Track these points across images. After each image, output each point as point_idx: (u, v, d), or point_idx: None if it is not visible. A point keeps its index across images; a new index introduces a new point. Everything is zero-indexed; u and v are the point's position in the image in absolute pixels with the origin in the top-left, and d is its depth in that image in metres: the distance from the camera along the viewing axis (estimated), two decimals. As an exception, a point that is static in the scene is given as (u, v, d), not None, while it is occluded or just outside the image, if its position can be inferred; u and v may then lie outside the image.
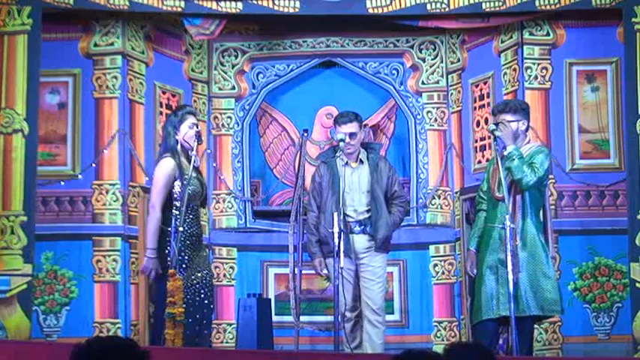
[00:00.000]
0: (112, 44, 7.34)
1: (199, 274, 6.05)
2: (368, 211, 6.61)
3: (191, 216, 6.03)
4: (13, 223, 6.54)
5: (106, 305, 7.13)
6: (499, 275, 5.92)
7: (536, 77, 7.32)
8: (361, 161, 6.70)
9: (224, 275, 7.86)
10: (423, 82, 8.01)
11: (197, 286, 6.03)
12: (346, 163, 6.66)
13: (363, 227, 6.60)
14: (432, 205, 7.86)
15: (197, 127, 6.14)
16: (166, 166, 6.01)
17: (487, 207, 6.20)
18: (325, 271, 6.66)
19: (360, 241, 6.61)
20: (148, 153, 7.44)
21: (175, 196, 5.98)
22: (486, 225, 6.10)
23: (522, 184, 5.97)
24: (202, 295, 6.05)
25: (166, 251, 5.93)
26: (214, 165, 7.94)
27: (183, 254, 5.97)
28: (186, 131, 6.04)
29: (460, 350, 3.36)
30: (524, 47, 7.34)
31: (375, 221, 6.57)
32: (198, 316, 6.02)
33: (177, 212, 5.89)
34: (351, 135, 6.60)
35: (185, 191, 5.89)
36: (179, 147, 6.07)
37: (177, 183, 5.97)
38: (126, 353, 3.14)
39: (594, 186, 7.25)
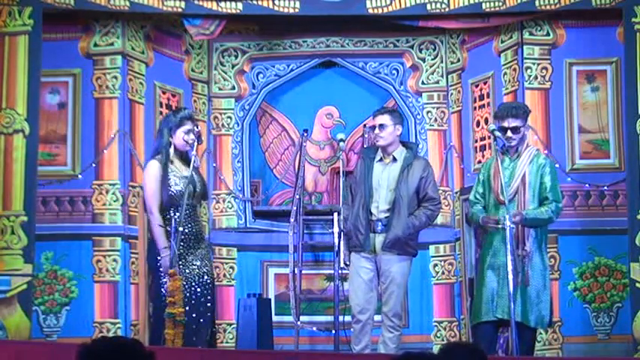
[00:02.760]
0: (112, 44, 7.34)
1: (196, 272, 6.06)
2: (389, 210, 6.37)
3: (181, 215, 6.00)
4: (14, 223, 6.54)
5: (106, 305, 7.13)
6: (500, 277, 5.91)
7: (536, 77, 7.32)
8: (394, 159, 6.46)
9: (224, 275, 7.85)
10: (423, 82, 8.01)
11: (193, 284, 6.04)
12: (380, 160, 6.48)
13: (383, 227, 6.35)
14: (432, 205, 7.85)
15: (196, 129, 6.17)
16: (151, 170, 6.12)
17: (488, 209, 6.18)
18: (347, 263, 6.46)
19: (380, 240, 6.34)
20: (148, 153, 7.40)
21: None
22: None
23: (555, 221, 6.12)
24: (199, 294, 6.05)
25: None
26: (214, 165, 7.93)
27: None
28: (181, 136, 6.10)
29: (451, 349, 3.38)
30: (524, 47, 7.34)
31: (390, 220, 6.33)
32: (194, 314, 6.02)
33: (173, 212, 5.98)
34: (381, 126, 6.41)
35: (166, 193, 5.99)
36: (172, 148, 6.13)
37: (174, 186, 6.03)
38: (132, 353, 3.14)
39: (594, 186, 7.25)
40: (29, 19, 6.68)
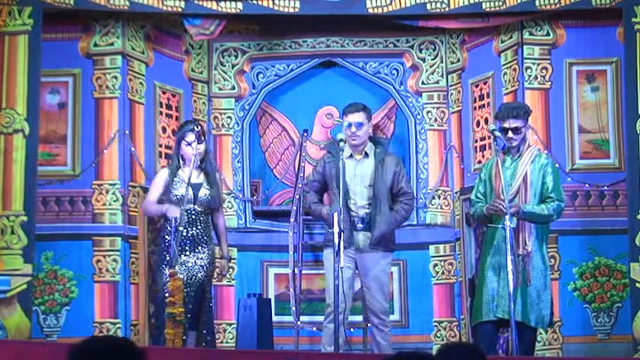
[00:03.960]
0: (112, 44, 7.34)
1: (185, 275, 6.24)
2: (369, 205, 6.37)
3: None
4: (14, 223, 6.54)
5: (106, 305, 7.13)
6: (501, 277, 5.90)
7: (536, 77, 7.32)
8: (366, 154, 6.43)
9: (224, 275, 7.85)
10: (423, 82, 8.01)
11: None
12: (350, 156, 6.43)
13: (364, 224, 6.33)
14: (432, 205, 7.86)
15: (196, 128, 6.42)
16: (159, 175, 6.63)
17: None
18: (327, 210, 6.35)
19: (363, 238, 6.34)
20: (147, 153, 7.44)
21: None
22: (489, 226, 6.07)
23: (555, 220, 6.08)
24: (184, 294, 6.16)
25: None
26: (214, 165, 7.92)
27: (165, 253, 6.28)
28: (185, 147, 6.42)
29: (450, 350, 3.38)
30: (524, 47, 7.34)
31: (373, 217, 6.32)
32: None
33: (187, 213, 6.31)
34: (358, 125, 6.38)
35: (169, 197, 6.35)
36: (180, 160, 6.47)
37: (175, 192, 6.37)
38: (123, 353, 3.14)
39: (594, 186, 7.25)
40: (29, 19, 6.69)
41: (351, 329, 7.30)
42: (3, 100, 6.63)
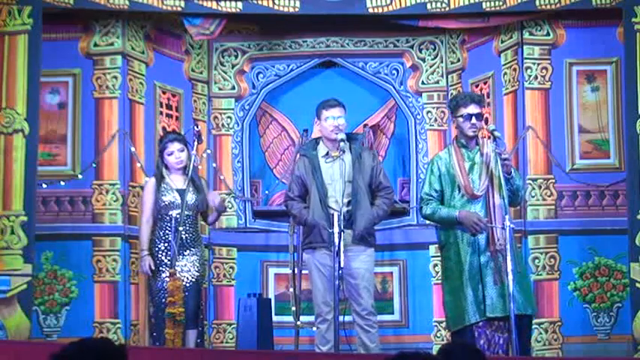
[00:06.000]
0: (112, 44, 7.34)
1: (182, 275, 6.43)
2: (349, 203, 6.27)
3: (168, 224, 6.52)
4: (13, 223, 6.54)
5: (106, 305, 7.13)
6: (482, 277, 5.90)
7: (536, 77, 7.32)
8: (342, 151, 6.31)
9: (224, 275, 7.86)
10: (423, 82, 8.01)
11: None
12: (327, 154, 6.38)
13: (346, 221, 6.14)
14: (432, 205, 7.84)
15: (196, 128, 6.61)
16: (147, 186, 6.77)
17: (449, 206, 6.10)
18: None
19: (345, 236, 6.11)
20: (147, 153, 7.44)
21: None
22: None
23: (520, 198, 6.16)
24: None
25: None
26: (214, 165, 7.93)
27: (160, 255, 6.50)
28: (168, 158, 6.64)
29: (451, 349, 3.39)
30: (524, 47, 7.34)
31: (354, 212, 6.23)
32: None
33: (167, 221, 6.53)
34: (340, 118, 6.41)
35: (157, 204, 6.60)
36: (164, 168, 6.67)
37: (162, 197, 6.59)
38: (101, 352, 3.15)
39: (594, 186, 7.25)
40: (29, 19, 6.68)
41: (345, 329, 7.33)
42: (3, 100, 6.63)
